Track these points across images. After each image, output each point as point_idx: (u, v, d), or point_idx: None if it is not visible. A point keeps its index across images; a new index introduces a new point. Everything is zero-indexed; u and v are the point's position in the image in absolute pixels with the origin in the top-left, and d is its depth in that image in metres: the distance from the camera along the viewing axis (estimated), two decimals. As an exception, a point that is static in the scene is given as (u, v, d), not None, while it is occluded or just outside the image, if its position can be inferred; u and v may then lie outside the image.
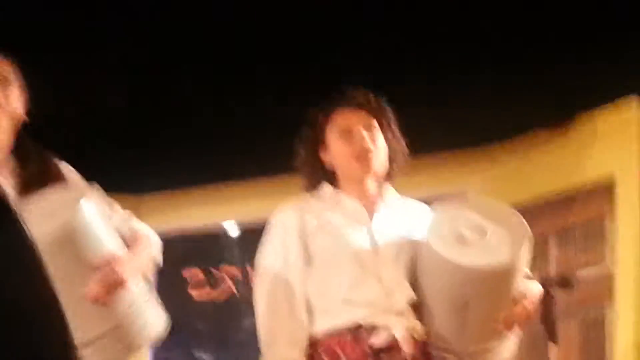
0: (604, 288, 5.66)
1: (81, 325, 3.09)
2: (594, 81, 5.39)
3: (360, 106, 3.89)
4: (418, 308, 3.75)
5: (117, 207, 3.85)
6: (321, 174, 3.93)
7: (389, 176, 3.92)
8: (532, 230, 5.87)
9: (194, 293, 6.87)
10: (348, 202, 3.86)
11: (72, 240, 3.41)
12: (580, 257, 5.82)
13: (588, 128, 5.80)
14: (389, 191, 3.92)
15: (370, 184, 3.88)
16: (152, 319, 3.66)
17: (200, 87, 5.61)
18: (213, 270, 6.83)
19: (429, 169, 6.20)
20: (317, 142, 3.90)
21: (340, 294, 3.71)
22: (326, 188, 3.90)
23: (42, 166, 3.76)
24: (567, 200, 5.87)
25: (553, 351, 5.59)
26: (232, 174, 6.56)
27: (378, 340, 3.66)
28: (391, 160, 3.89)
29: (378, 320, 3.68)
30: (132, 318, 3.54)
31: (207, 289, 6.84)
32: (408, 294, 3.73)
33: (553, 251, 5.93)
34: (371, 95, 3.91)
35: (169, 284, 6.68)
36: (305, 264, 3.78)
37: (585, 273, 5.75)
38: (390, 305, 3.70)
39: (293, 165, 4.39)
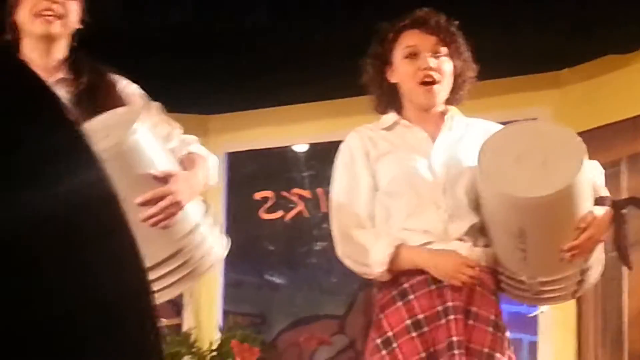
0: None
1: (142, 250, 2.95)
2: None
3: (430, 30, 3.81)
4: (484, 232, 3.75)
5: (176, 129, 3.77)
6: (387, 93, 3.89)
7: (456, 100, 3.88)
8: (603, 156, 5.78)
9: (266, 215, 6.83)
10: (411, 131, 3.84)
11: (125, 162, 3.28)
12: (651, 185, 5.74)
13: (658, 55, 5.73)
14: (454, 115, 3.87)
15: (434, 112, 3.84)
16: (215, 243, 3.54)
17: (268, 7, 5.53)
18: (283, 193, 6.79)
19: (499, 94, 6.17)
20: (384, 60, 3.86)
21: (400, 221, 3.75)
22: (391, 115, 3.87)
23: (96, 79, 3.67)
24: (637, 126, 5.76)
25: (627, 276, 5.54)
26: (302, 95, 6.50)
27: None
28: (459, 85, 3.84)
29: (435, 246, 3.69)
30: (194, 242, 3.43)
31: (279, 212, 6.82)
32: (469, 220, 3.72)
33: (624, 176, 5.84)
34: (443, 19, 3.83)
35: (240, 206, 6.90)
36: (371, 190, 3.80)
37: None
38: (448, 233, 3.72)
39: (361, 86, 4.32)
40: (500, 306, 3.83)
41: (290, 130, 6.70)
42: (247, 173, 6.93)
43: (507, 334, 3.78)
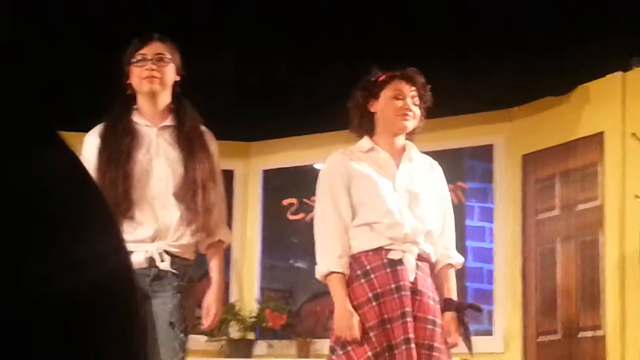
0: (597, 217, 5.60)
1: None
2: (589, 61, 5.38)
3: (414, 84, 4.00)
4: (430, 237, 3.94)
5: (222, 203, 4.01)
6: (366, 119, 4.02)
7: (413, 135, 4.05)
8: (542, 171, 5.96)
9: (291, 217, 6.84)
10: (381, 156, 3.97)
11: None
12: (578, 194, 5.75)
13: (584, 96, 5.75)
14: (413, 147, 4.05)
15: (400, 139, 4.01)
16: None
17: (299, 61, 5.57)
18: (305, 200, 6.80)
19: (463, 126, 6.21)
20: (372, 95, 4.01)
21: (370, 228, 3.87)
22: (365, 141, 4.00)
23: (193, 124, 3.88)
24: (569, 150, 5.81)
25: (559, 263, 5.61)
26: (321, 127, 6.56)
27: (392, 255, 3.83)
28: (418, 126, 4.03)
29: (395, 246, 3.84)
30: None
31: (301, 214, 6.82)
32: (423, 228, 3.89)
33: (557, 188, 5.88)
34: (423, 78, 4.03)
35: (272, 210, 6.89)
36: (349, 203, 3.90)
37: (582, 206, 5.71)
38: (404, 236, 3.85)
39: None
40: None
41: (311, 152, 6.69)
42: (278, 185, 6.90)
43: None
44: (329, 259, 3.89)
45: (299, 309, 6.69)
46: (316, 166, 6.80)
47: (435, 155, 6.13)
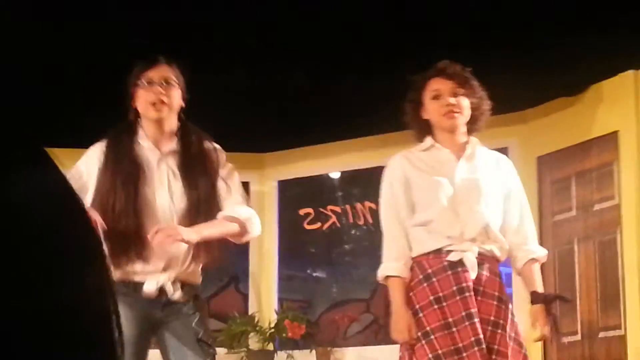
0: (615, 217, 5.58)
1: None
2: (604, 60, 5.36)
3: (448, 76, 3.93)
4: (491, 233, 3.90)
5: (235, 194, 3.82)
6: (423, 127, 3.99)
7: (475, 129, 4.01)
8: (558, 173, 5.95)
9: (308, 226, 6.84)
10: (441, 152, 3.95)
11: None
12: (595, 194, 5.74)
13: (597, 95, 5.74)
14: (474, 142, 4.00)
15: (459, 135, 3.96)
16: None
17: (313, 71, 5.56)
18: (321, 209, 6.81)
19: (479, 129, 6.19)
20: (418, 102, 3.98)
21: (428, 228, 3.86)
22: (427, 140, 3.98)
23: (200, 147, 3.80)
24: (584, 150, 5.80)
25: (577, 263, 5.59)
26: (335, 136, 6.58)
27: (452, 257, 3.81)
28: (476, 117, 3.96)
29: (454, 247, 3.82)
30: None
31: (318, 223, 6.82)
32: (480, 224, 3.85)
33: (573, 189, 5.87)
34: (458, 68, 3.97)
35: (289, 220, 6.89)
36: (408, 204, 3.89)
37: (599, 206, 5.69)
38: (463, 235, 3.82)
39: (376, 128, 4.21)
40: (504, 284, 3.90)
41: (326, 162, 6.71)
42: (294, 195, 6.90)
43: (510, 306, 3.82)
44: (387, 263, 3.91)
45: (318, 318, 6.68)
46: (332, 175, 6.89)
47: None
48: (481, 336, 3.67)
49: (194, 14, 4.95)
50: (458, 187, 3.86)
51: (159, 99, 3.70)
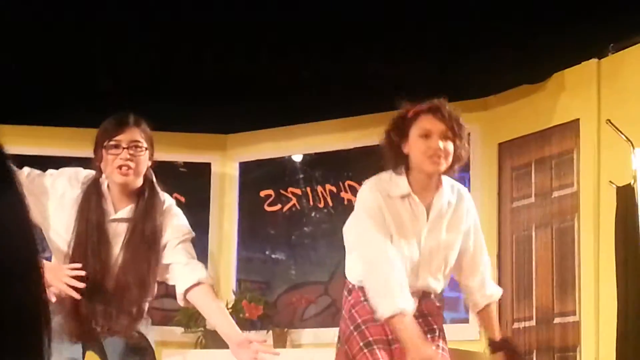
0: (573, 204, 5.61)
1: None
2: (564, 48, 5.38)
3: (442, 117, 3.76)
4: None
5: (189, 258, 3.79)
6: (400, 161, 3.81)
7: (451, 172, 3.85)
8: (518, 160, 5.99)
9: (268, 208, 6.83)
10: (417, 206, 3.79)
11: None
12: (554, 181, 5.75)
13: (560, 83, 5.75)
14: (446, 184, 3.85)
15: (434, 178, 3.81)
16: None
17: (277, 52, 5.52)
18: (282, 191, 6.80)
19: None
20: (402, 134, 3.78)
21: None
22: (403, 184, 3.78)
23: (153, 202, 3.76)
24: (545, 138, 5.80)
25: (534, 250, 5.64)
26: (298, 118, 6.56)
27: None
28: (454, 162, 3.79)
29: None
30: None
31: (278, 205, 6.81)
32: (435, 286, 3.86)
33: (533, 176, 5.89)
34: (452, 110, 3.81)
35: (249, 201, 6.88)
36: (386, 234, 3.77)
37: (558, 193, 5.72)
38: (415, 289, 3.81)
39: (334, 112, 4.10)
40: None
41: (288, 144, 6.70)
42: (255, 177, 6.88)
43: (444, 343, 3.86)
44: (397, 299, 3.72)
45: (276, 300, 6.68)
46: (293, 157, 6.87)
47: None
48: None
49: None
50: (423, 251, 3.80)
51: (126, 164, 3.67)
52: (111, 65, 5.49)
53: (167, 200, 3.83)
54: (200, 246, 6.72)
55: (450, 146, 3.75)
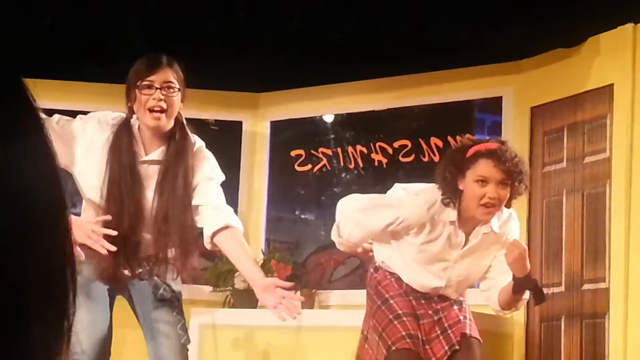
0: (605, 170, 5.57)
1: None
2: (600, 12, 5.32)
3: (501, 164, 3.70)
4: None
5: (212, 197, 3.80)
6: (453, 192, 3.79)
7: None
8: (550, 124, 5.95)
9: (299, 168, 6.83)
10: (457, 236, 3.85)
11: None
12: (586, 146, 5.72)
13: (594, 48, 5.69)
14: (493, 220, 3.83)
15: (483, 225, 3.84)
16: None
17: (311, 11, 5.52)
18: (313, 151, 6.79)
19: (472, 78, 6.17)
20: (459, 170, 3.76)
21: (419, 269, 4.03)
22: (451, 214, 3.80)
23: (184, 144, 3.75)
24: (578, 102, 5.76)
25: (564, 215, 5.63)
26: (330, 78, 6.53)
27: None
28: (510, 199, 3.80)
29: None
30: None
31: (309, 165, 6.80)
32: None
33: (565, 141, 5.86)
34: (512, 152, 3.74)
35: (280, 161, 6.87)
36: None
37: (590, 159, 5.68)
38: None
39: (367, 71, 4.05)
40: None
41: (320, 104, 6.67)
42: (286, 136, 6.86)
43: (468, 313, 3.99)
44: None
45: (305, 260, 6.67)
46: (325, 117, 6.86)
47: (444, 107, 6.28)
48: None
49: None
50: (452, 274, 3.93)
51: (159, 105, 3.64)
52: (144, 22, 5.48)
53: (198, 142, 3.81)
54: (230, 205, 6.72)
55: (506, 192, 3.71)
